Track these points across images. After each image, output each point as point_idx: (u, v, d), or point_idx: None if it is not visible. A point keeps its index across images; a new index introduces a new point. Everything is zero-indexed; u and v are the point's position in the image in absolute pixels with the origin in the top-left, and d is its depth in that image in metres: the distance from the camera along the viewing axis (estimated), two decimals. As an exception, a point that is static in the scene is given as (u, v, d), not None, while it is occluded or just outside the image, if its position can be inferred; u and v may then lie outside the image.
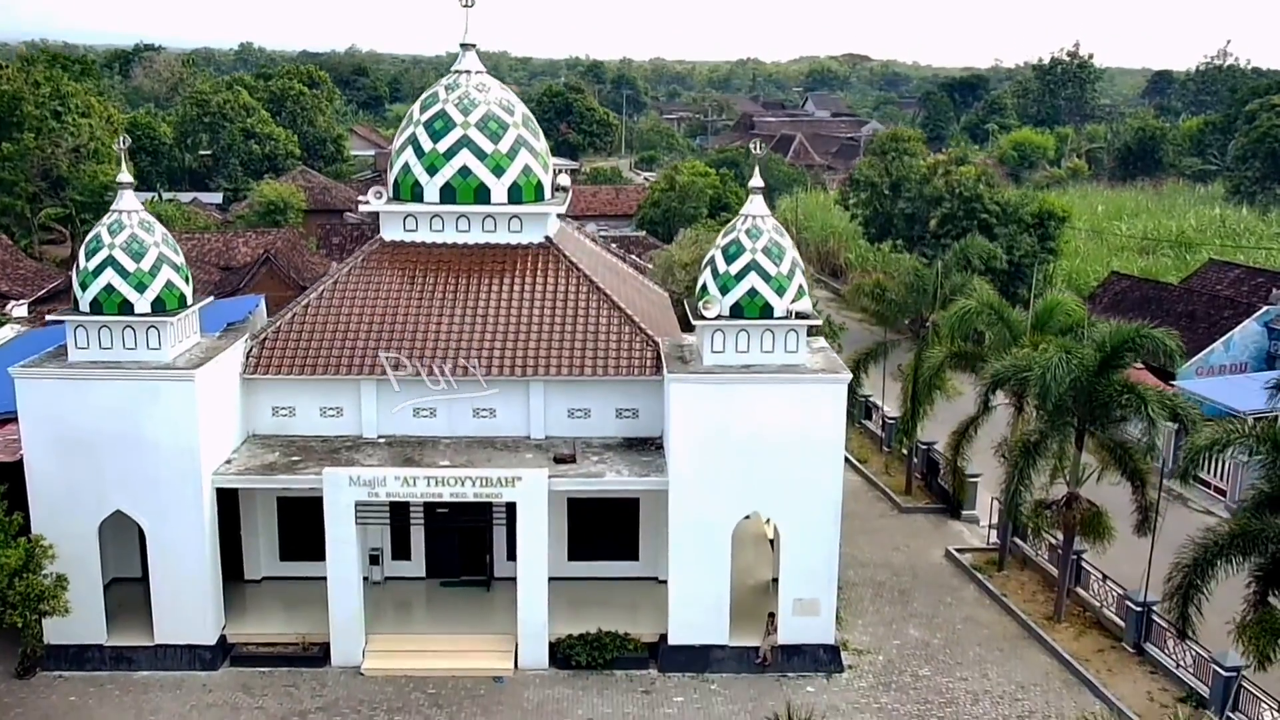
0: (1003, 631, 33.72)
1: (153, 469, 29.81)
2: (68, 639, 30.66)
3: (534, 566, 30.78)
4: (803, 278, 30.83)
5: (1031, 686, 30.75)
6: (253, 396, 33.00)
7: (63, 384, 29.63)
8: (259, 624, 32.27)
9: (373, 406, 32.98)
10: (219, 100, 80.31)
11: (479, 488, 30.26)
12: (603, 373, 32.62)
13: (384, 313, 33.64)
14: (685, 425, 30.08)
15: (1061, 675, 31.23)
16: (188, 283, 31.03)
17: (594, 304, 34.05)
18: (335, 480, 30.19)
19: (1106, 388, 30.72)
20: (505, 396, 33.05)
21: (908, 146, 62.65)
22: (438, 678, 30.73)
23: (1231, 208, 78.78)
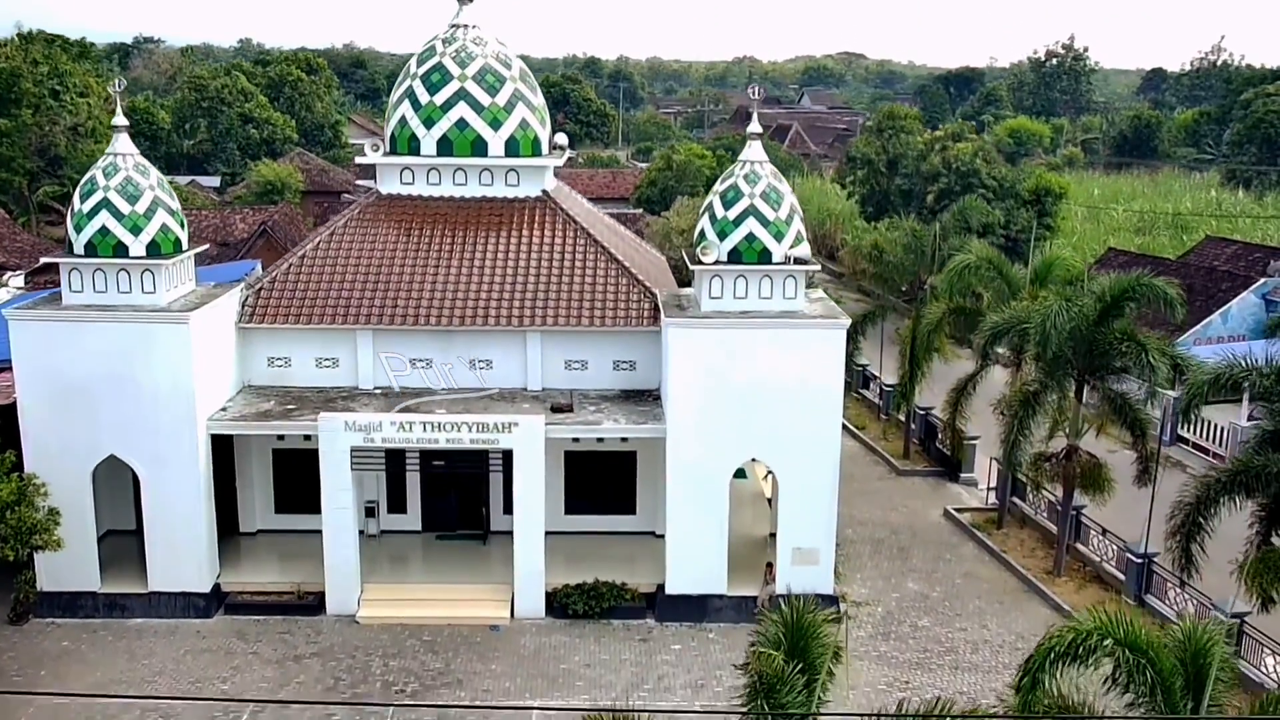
0: (1002, 586, 33.57)
1: (147, 414, 29.63)
2: (61, 586, 30.48)
3: (530, 515, 30.60)
4: (801, 224, 30.70)
5: (1031, 636, 30.51)
6: (248, 347, 32.84)
7: (56, 326, 29.46)
8: (254, 574, 32.07)
9: (369, 358, 32.81)
10: (217, 85, 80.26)
11: (475, 433, 30.07)
12: (600, 323, 32.47)
13: (380, 264, 33.49)
14: (683, 371, 29.92)
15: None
16: (183, 228, 30.88)
17: (591, 256, 33.92)
18: (331, 425, 30.02)
19: (1106, 336, 30.58)
20: (502, 348, 32.91)
21: (904, 125, 62.68)
22: (433, 626, 30.53)
23: (1228, 192, 78.89)
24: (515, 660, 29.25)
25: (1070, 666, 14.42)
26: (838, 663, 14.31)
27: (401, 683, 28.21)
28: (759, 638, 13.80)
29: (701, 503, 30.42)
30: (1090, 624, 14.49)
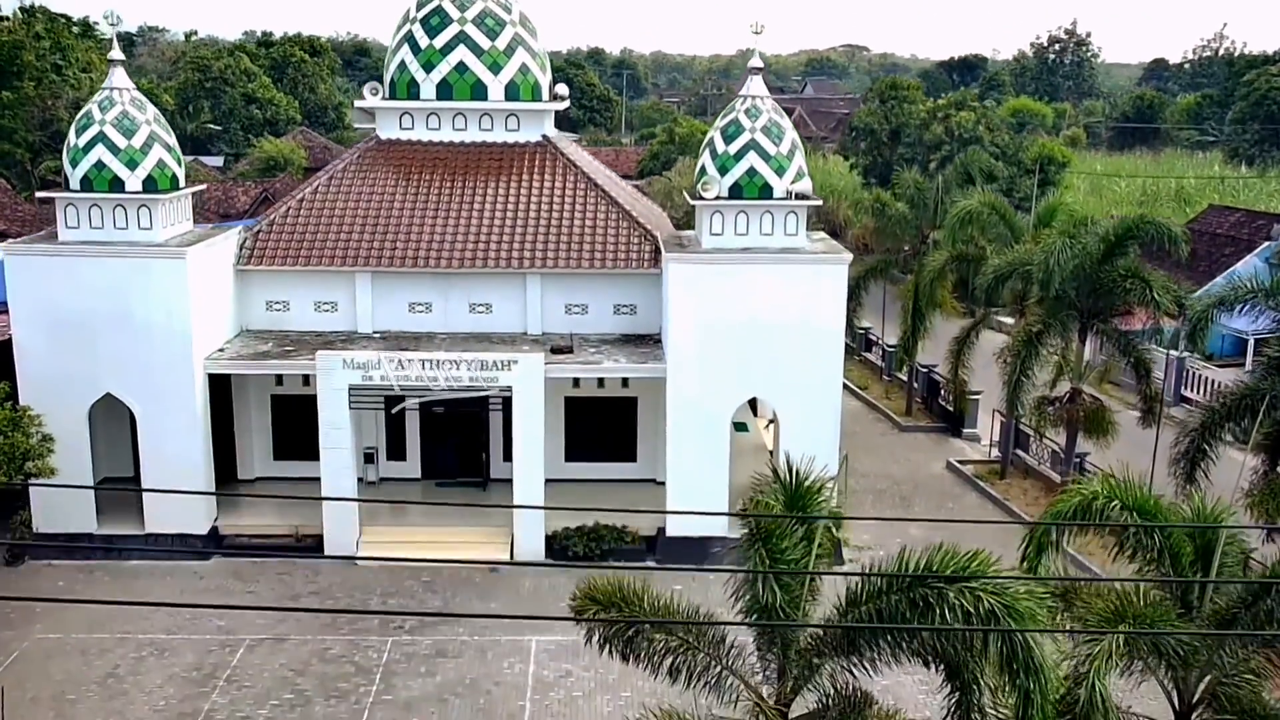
0: (1005, 529, 33.22)
1: (143, 351, 29.42)
2: (57, 527, 30.27)
3: (530, 456, 30.36)
4: (803, 159, 30.47)
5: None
6: (246, 290, 32.64)
7: (52, 261, 29.28)
8: (252, 518, 31.83)
9: (367, 301, 32.61)
10: (220, 66, 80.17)
11: (475, 371, 29.84)
12: (600, 266, 32.25)
13: (379, 208, 33.28)
14: (683, 308, 29.68)
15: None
16: (180, 165, 30.68)
17: (592, 200, 33.70)
18: (329, 363, 29.79)
19: (1110, 273, 30.31)
20: (502, 291, 32.70)
21: (907, 95, 62.49)
22: (432, 567, 30.23)
23: (1231, 169, 78.65)
24: (514, 600, 29.00)
25: (1078, 535, 14.14)
26: (838, 529, 14.06)
27: (400, 618, 27.97)
28: (757, 493, 13.57)
29: (702, 443, 30.15)
30: (1097, 487, 14.22)
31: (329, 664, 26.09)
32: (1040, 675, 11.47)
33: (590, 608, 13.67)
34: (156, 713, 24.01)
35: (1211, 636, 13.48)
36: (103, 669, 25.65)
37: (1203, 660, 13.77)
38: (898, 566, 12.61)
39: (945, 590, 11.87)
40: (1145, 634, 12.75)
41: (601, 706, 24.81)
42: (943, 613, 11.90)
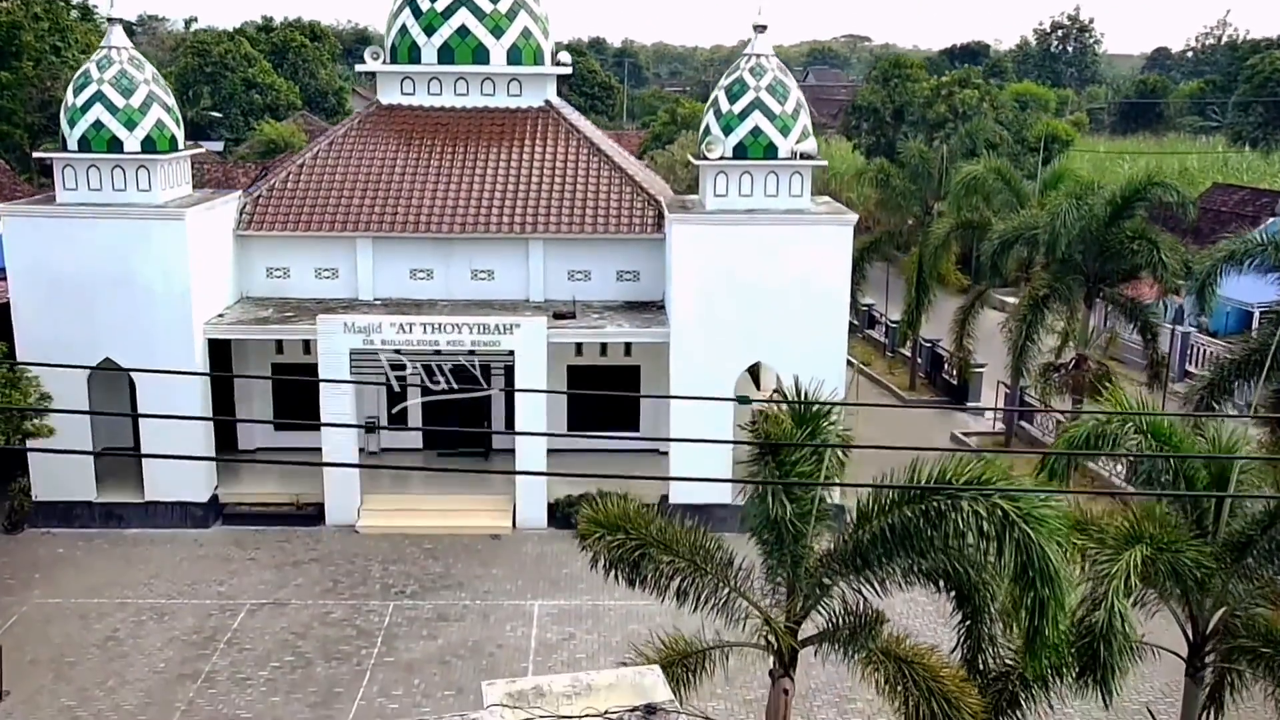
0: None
1: (143, 315, 29.12)
2: (56, 495, 29.98)
3: (532, 422, 30.07)
4: (808, 119, 30.18)
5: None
6: (246, 257, 32.36)
7: (50, 223, 29.02)
8: (252, 486, 31.56)
9: (368, 267, 32.32)
10: (220, 50, 79.76)
11: (477, 335, 29.58)
12: (604, 231, 31.97)
13: (380, 173, 33.00)
14: (687, 270, 29.43)
15: (1072, 533, 30.43)
16: (179, 125, 30.38)
17: (595, 165, 33.42)
18: (329, 327, 29.52)
19: (1117, 235, 30.02)
20: (504, 258, 32.41)
21: (910, 73, 62.16)
22: (434, 535, 30.02)
23: (1234, 151, 78.34)
24: (517, 565, 28.76)
25: (1091, 461, 13.87)
26: (846, 458, 13.82)
27: (401, 584, 27.74)
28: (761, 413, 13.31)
29: (706, 407, 29.84)
30: (1112, 410, 13.95)
31: (330, 627, 25.84)
32: (1055, 584, 11.21)
33: (596, 531, 13.39)
34: (156, 674, 23.77)
35: (1227, 560, 13.22)
36: (102, 632, 25.41)
37: (1218, 587, 13.53)
38: (909, 479, 12.34)
39: (958, 498, 11.60)
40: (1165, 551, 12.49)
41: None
42: (956, 524, 11.63)
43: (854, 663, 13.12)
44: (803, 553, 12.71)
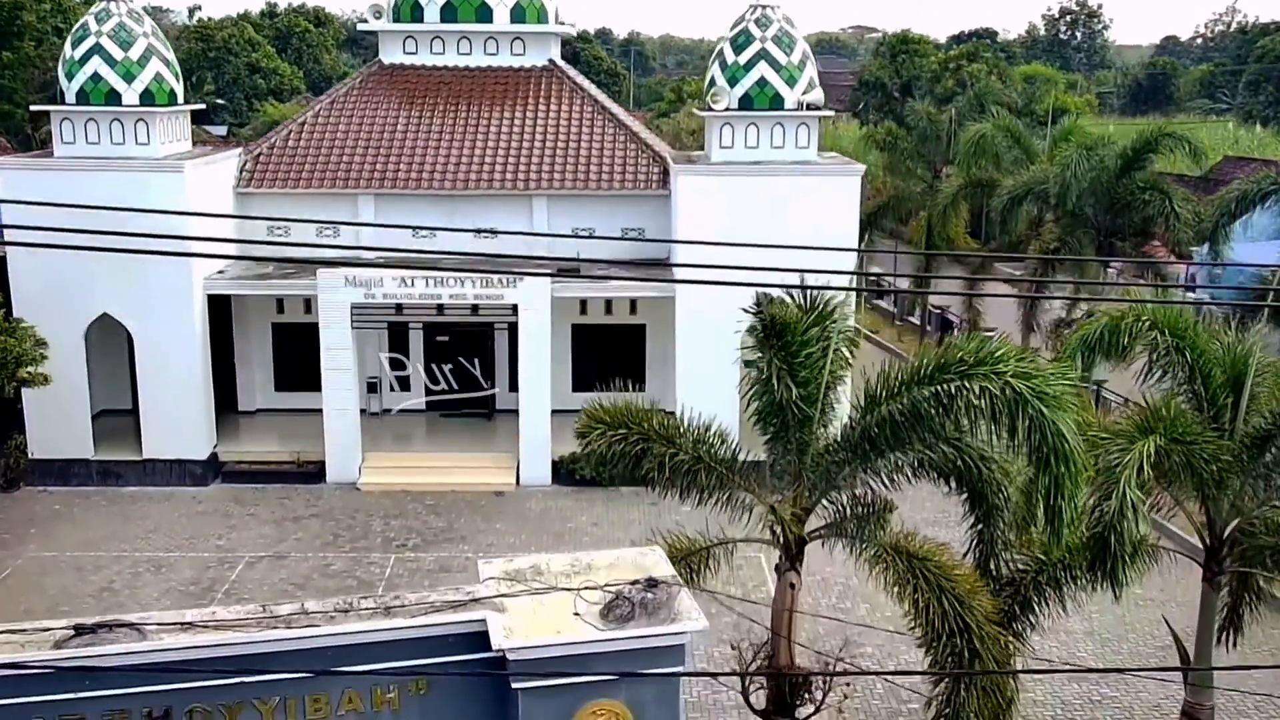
0: (1021, 457, 32.51)
1: (141, 271, 28.73)
2: (53, 453, 29.61)
3: (536, 380, 29.68)
4: (814, 70, 29.76)
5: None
6: (246, 213, 31.96)
7: (47, 176, 28.70)
8: (252, 444, 31.21)
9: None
10: (223, 35, 79.63)
11: (479, 288, 29.21)
12: (608, 188, 31.59)
13: (383, 132, 32.64)
14: (693, 223, 28.98)
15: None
16: (179, 80, 30.05)
17: (599, 123, 33.05)
18: (330, 282, 29.15)
19: (1129, 187, 29.54)
20: (507, 215, 31.98)
21: (918, 48, 61.71)
22: (436, 492, 29.64)
23: (1244, 130, 77.81)
24: (520, 520, 28.38)
25: (1106, 360, 13.45)
26: (855, 348, 13.41)
27: (403, 538, 27.36)
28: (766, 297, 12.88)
29: (712, 364, 29.38)
30: (1126, 308, 13.51)
31: (330, 578, 25.45)
32: (1070, 461, 10.78)
33: (597, 427, 12.99)
34: (152, 622, 23.39)
35: (1245, 459, 12.78)
36: (98, 583, 25.05)
37: (1236, 485, 13.10)
38: (918, 364, 11.93)
39: (970, 376, 11.18)
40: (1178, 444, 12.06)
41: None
42: (967, 402, 11.21)
43: (863, 561, 12.71)
44: (809, 440, 12.30)
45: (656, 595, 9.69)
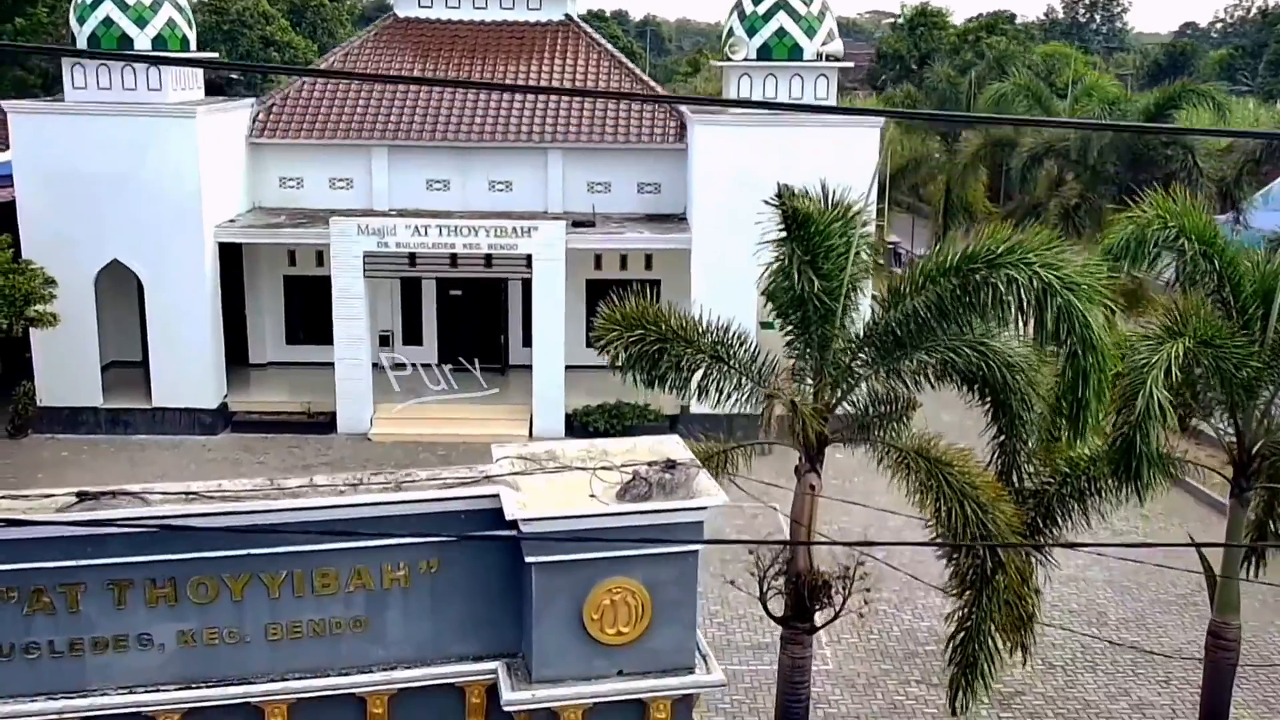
0: (1039, 419, 32.16)
1: (152, 217, 28.46)
2: (61, 401, 29.39)
3: (550, 332, 29.38)
4: (833, 21, 29.39)
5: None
6: (259, 164, 31.72)
7: (58, 120, 28.47)
8: (262, 394, 31.02)
9: (384, 177, 31.66)
10: (238, 8, 79.36)
11: (493, 238, 28.90)
12: (624, 141, 31.28)
13: (396, 84, 32.33)
14: (709, 175, 28.67)
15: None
16: (191, 28, 29.81)
17: (616, 78, 32.73)
18: (343, 229, 28.88)
19: (1151, 141, 29.13)
20: (522, 168, 31.72)
21: (936, 20, 61.21)
22: (449, 442, 29.37)
23: (1265, 108, 77.14)
24: (532, 472, 28.10)
25: (1133, 267, 13.13)
26: (878, 255, 13.10)
27: (413, 487, 27.08)
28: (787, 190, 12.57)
29: (729, 317, 29.03)
30: (1152, 215, 13.16)
31: (339, 524, 25.24)
32: (1098, 351, 10.46)
33: (614, 329, 12.71)
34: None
35: (1276, 370, 12.44)
36: (107, 526, 24.87)
37: (1266, 395, 12.76)
38: (945, 256, 11.62)
39: (998, 266, 10.86)
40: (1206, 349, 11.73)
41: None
42: (995, 296, 10.90)
43: (885, 466, 12.43)
44: (831, 335, 11.99)
45: (675, 476, 9.41)
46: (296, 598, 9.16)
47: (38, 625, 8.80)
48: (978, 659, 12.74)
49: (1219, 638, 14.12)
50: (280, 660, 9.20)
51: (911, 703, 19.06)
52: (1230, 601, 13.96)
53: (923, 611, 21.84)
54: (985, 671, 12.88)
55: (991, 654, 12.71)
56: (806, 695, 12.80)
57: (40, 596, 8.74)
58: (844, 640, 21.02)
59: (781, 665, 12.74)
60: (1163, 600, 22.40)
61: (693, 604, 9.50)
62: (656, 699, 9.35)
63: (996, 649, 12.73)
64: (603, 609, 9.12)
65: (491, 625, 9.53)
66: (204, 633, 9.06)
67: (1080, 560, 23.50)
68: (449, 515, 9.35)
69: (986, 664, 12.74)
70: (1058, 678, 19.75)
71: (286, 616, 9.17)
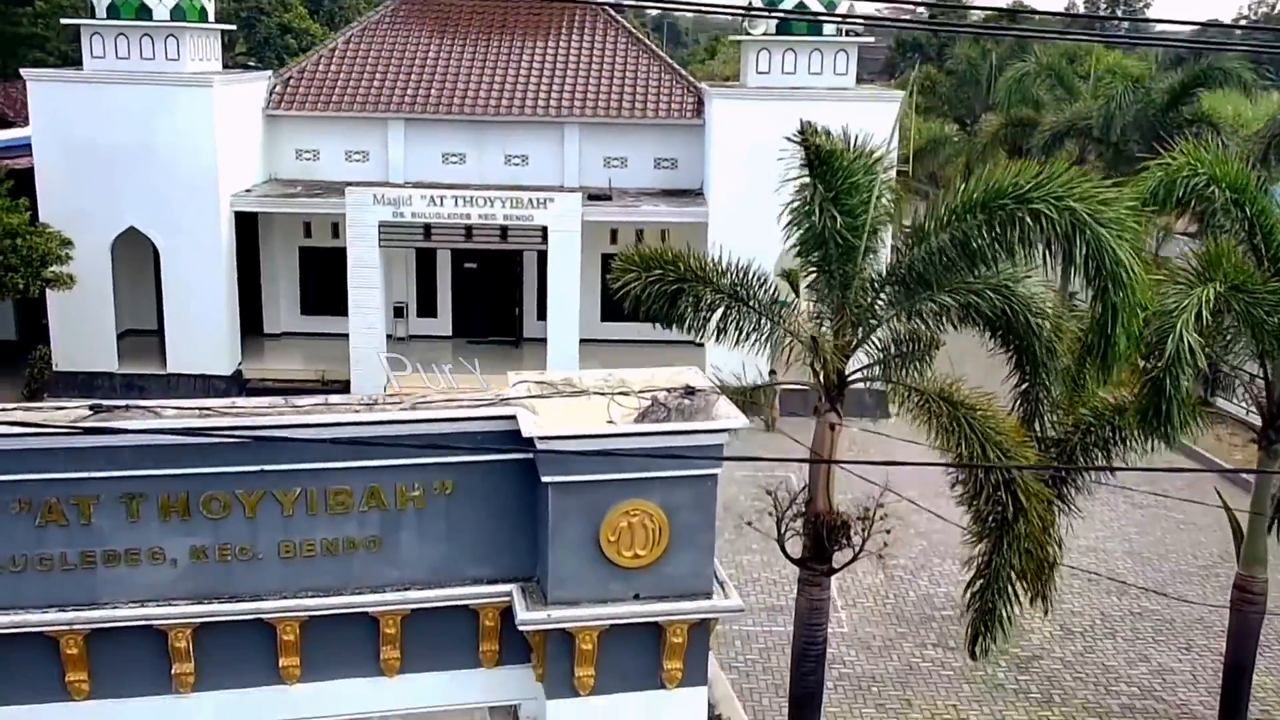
0: (1060, 395, 31.93)
1: (168, 185, 28.48)
2: (77, 366, 29.41)
3: (565, 304, 29.27)
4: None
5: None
6: (275, 137, 31.70)
7: (76, 88, 28.53)
8: (277, 364, 30.97)
9: (400, 150, 31.59)
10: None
11: (509, 209, 28.79)
12: (641, 116, 31.15)
13: (414, 58, 32.30)
14: (727, 149, 28.51)
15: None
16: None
17: (634, 53, 32.63)
18: (359, 198, 28.82)
19: (1175, 120, 28.86)
20: (538, 142, 31.62)
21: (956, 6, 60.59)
22: (461, 415, 29.25)
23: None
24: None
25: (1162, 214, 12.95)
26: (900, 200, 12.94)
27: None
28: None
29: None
30: (1182, 162, 12.97)
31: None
32: (1128, 287, 10.29)
33: (631, 270, 12.58)
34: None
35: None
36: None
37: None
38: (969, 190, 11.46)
39: (1027, 201, 10.68)
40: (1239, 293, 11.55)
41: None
42: (1022, 232, 10.74)
43: (906, 409, 12.28)
44: (853, 273, 11.84)
45: (694, 402, 9.27)
46: (310, 516, 9.04)
47: (50, 537, 8.70)
48: (996, 606, 12.59)
49: (1245, 591, 13.97)
50: (293, 578, 9.09)
51: (928, 665, 18.94)
52: (1257, 555, 13.80)
53: (939, 578, 21.73)
54: (1004, 619, 12.74)
55: (1010, 601, 12.56)
56: (823, 638, 12.67)
57: (53, 508, 8.64)
58: (859, 605, 20.93)
59: (798, 608, 12.60)
60: (1184, 571, 22.23)
61: (711, 529, 9.35)
62: (673, 623, 9.21)
63: (1015, 596, 12.57)
64: (619, 531, 8.99)
65: (507, 549, 9.41)
66: (216, 549, 8.95)
67: (1100, 531, 23.35)
68: (464, 436, 9.23)
69: (1005, 611, 12.58)
70: (1076, 643, 19.62)
71: (300, 535, 9.06)
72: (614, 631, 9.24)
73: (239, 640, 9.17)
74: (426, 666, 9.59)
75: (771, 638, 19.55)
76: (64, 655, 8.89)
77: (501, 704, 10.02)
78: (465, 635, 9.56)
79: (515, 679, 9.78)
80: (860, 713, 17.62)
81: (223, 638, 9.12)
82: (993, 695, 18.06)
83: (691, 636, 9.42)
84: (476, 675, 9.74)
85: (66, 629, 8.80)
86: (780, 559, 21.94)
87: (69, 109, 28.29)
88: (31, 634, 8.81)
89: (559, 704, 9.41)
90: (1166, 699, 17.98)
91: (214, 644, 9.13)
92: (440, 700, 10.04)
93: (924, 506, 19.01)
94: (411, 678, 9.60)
